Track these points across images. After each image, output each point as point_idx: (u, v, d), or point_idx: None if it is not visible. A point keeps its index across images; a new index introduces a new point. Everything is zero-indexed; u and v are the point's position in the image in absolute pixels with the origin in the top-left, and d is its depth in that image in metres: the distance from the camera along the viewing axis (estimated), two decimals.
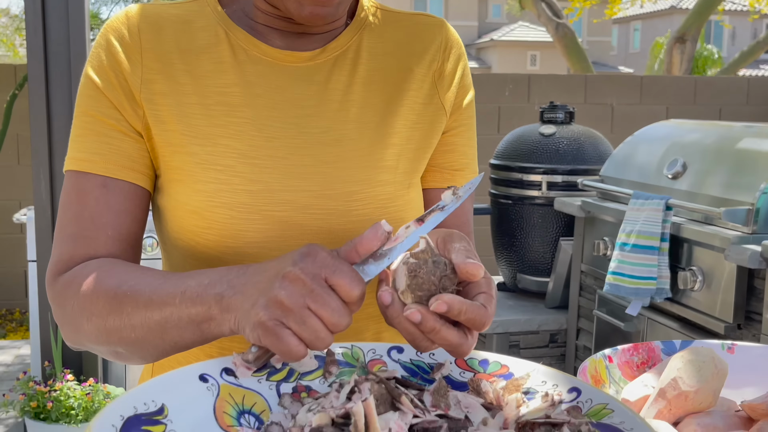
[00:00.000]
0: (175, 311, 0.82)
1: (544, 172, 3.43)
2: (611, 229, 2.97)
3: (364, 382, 0.75)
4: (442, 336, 0.75)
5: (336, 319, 0.73)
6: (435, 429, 0.71)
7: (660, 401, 0.83)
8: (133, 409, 0.69)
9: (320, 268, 0.74)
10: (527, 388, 0.79)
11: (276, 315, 0.73)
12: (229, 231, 0.94)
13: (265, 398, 0.79)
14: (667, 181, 2.80)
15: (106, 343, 0.90)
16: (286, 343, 0.73)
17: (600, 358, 0.89)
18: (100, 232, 0.96)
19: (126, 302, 0.86)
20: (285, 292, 0.73)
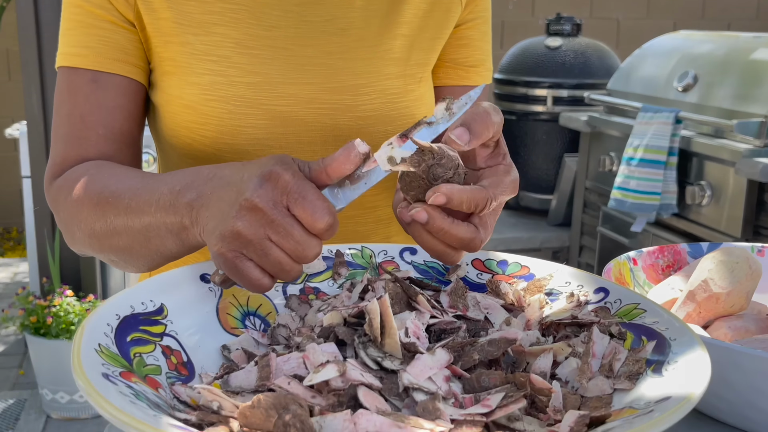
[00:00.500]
0: (152, 221, 0.76)
1: (550, 86, 3.35)
2: (617, 144, 2.90)
3: (377, 281, 0.70)
4: (452, 235, 0.69)
5: (300, 250, 0.66)
6: (453, 330, 0.67)
7: (689, 304, 0.78)
8: (130, 309, 0.64)
9: (281, 195, 0.66)
10: (550, 289, 0.74)
11: (235, 246, 0.66)
12: (226, 127, 0.88)
13: (271, 300, 0.75)
14: (676, 93, 2.73)
15: (98, 249, 0.86)
16: (247, 275, 0.67)
17: (624, 260, 0.84)
18: (92, 131, 0.90)
19: (108, 209, 0.81)
20: (242, 223, 0.65)
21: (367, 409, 0.54)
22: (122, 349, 0.59)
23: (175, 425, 0.48)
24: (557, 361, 0.63)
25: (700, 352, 0.56)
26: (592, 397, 0.58)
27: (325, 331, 0.65)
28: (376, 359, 0.60)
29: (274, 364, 0.60)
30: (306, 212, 0.65)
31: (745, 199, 2.37)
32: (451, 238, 0.70)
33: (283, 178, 0.66)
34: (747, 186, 2.35)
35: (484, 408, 0.55)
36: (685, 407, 0.48)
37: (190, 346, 0.66)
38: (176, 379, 0.62)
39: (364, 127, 0.92)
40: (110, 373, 0.53)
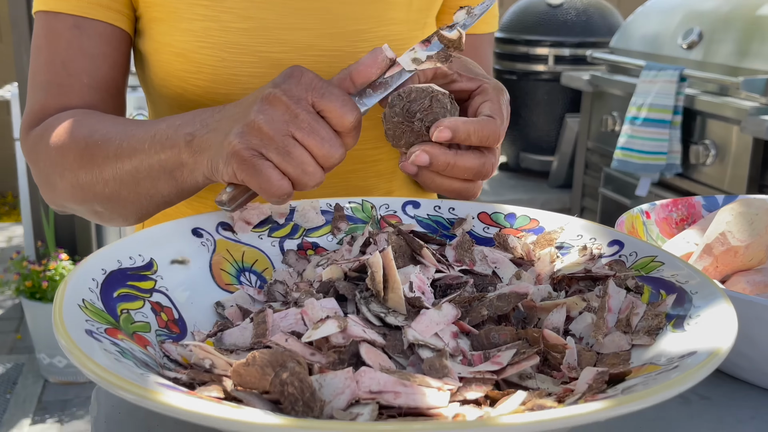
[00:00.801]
0: (145, 158, 0.72)
1: (551, 45, 3.29)
2: (620, 104, 2.85)
3: (379, 234, 0.66)
4: (460, 167, 0.66)
5: (326, 150, 0.62)
6: (459, 285, 0.63)
7: (705, 258, 0.75)
8: (117, 263, 0.60)
9: (306, 91, 0.63)
10: (561, 243, 0.71)
11: (253, 144, 0.62)
12: (220, 75, 0.84)
13: (268, 255, 0.71)
14: (681, 51, 2.67)
15: (82, 200, 0.81)
16: (266, 177, 0.62)
17: (637, 213, 0.80)
18: (74, 79, 0.85)
19: (97, 153, 0.77)
20: (264, 117, 0.61)
21: (370, 366, 0.50)
22: (108, 305, 0.55)
23: (164, 384, 0.44)
24: (570, 317, 0.60)
25: (724, 305, 0.53)
26: (609, 354, 0.55)
27: (325, 285, 0.61)
28: (378, 315, 0.57)
29: (271, 321, 0.56)
30: (333, 106, 0.62)
31: (750, 158, 2.33)
32: (461, 171, 0.67)
33: (307, 75, 0.63)
34: (753, 144, 2.31)
35: (494, 365, 0.52)
36: (713, 362, 0.45)
37: (182, 303, 0.62)
38: (167, 337, 0.58)
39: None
40: (95, 330, 0.50)
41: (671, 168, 2.55)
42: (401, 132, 0.68)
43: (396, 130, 0.68)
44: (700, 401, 0.63)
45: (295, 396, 0.45)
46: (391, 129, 0.68)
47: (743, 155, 2.35)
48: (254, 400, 0.46)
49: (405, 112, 0.66)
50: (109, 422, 0.58)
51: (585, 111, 3.11)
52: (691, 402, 0.63)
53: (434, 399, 0.47)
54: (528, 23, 3.35)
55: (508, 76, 3.42)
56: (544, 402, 0.45)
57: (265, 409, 0.46)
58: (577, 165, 3.21)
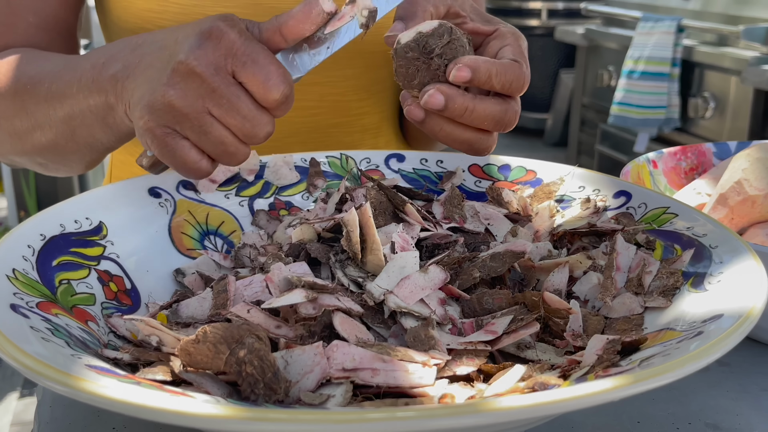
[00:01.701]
0: (75, 104, 0.63)
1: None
2: (616, 58, 2.77)
3: (357, 189, 0.59)
4: (480, 112, 0.57)
5: (249, 128, 0.53)
6: (448, 245, 0.56)
7: (720, 209, 0.68)
8: (60, 228, 0.53)
9: (225, 58, 0.52)
10: (561, 196, 0.64)
11: (165, 120, 0.53)
12: (189, 15, 0.76)
13: (235, 217, 0.64)
14: (678, 1, 2.58)
15: (22, 152, 0.73)
16: (182, 158, 0.54)
17: (643, 162, 0.73)
18: (18, 17, 0.77)
19: (27, 98, 0.68)
20: (175, 92, 0.52)
21: (345, 339, 0.43)
22: (45, 275, 0.48)
23: (97, 367, 0.37)
24: (574, 277, 0.53)
25: (751, 261, 0.46)
26: (619, 318, 0.48)
27: (295, 248, 0.54)
28: (356, 280, 0.50)
29: (233, 289, 0.49)
30: (257, 79, 0.52)
31: (750, 110, 2.25)
32: (479, 117, 0.58)
33: (227, 37, 0.52)
34: (753, 96, 2.23)
35: (488, 335, 0.45)
36: (744, 327, 0.38)
37: (136, 271, 0.55)
38: (116, 310, 0.51)
39: None
40: (22, 304, 0.43)
41: (670, 122, 2.47)
42: (415, 70, 0.58)
43: (409, 68, 0.58)
44: (719, 368, 0.57)
45: (255, 377, 0.39)
46: (404, 66, 0.58)
47: (743, 107, 2.28)
48: (207, 383, 0.39)
49: (422, 47, 0.57)
50: (54, 407, 0.51)
51: (580, 66, 3.03)
52: (709, 369, 0.56)
53: (418, 376, 0.40)
54: None
55: None
56: (547, 379, 0.38)
57: (219, 392, 0.39)
58: (573, 122, 3.13)
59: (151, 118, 0.53)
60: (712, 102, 2.38)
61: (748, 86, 2.21)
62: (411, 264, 0.49)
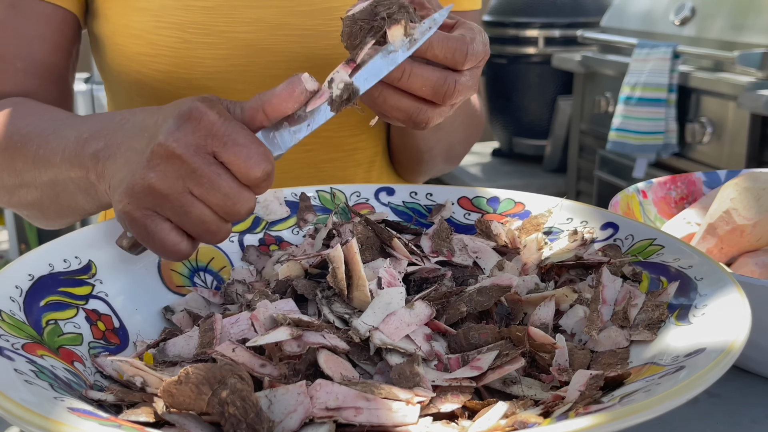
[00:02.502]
0: (58, 173, 0.63)
1: (541, 26, 3.21)
2: (613, 84, 2.78)
3: (344, 224, 0.59)
4: (416, 76, 0.56)
5: (230, 205, 0.52)
6: (436, 279, 0.56)
7: (709, 239, 0.68)
8: (48, 267, 0.53)
9: (205, 138, 0.52)
10: (549, 228, 0.64)
11: (146, 203, 0.53)
12: (181, 58, 0.77)
13: (225, 253, 0.64)
14: (673, 27, 2.60)
15: (9, 203, 0.74)
16: (161, 240, 0.53)
17: (633, 192, 0.74)
18: (8, 64, 0.78)
19: (16, 157, 0.69)
20: (155, 175, 0.52)
21: (329, 377, 0.44)
22: (32, 315, 0.48)
23: (79, 410, 0.38)
24: (560, 311, 0.53)
25: (734, 293, 0.46)
26: (605, 352, 0.48)
27: (282, 285, 0.54)
28: (342, 316, 0.50)
29: (219, 327, 0.49)
30: (238, 158, 0.51)
31: (748, 135, 2.26)
32: (417, 82, 0.57)
33: (207, 118, 0.52)
34: (750, 121, 2.24)
35: (473, 371, 0.45)
36: (725, 361, 0.38)
37: (125, 310, 0.56)
38: (103, 350, 0.51)
39: (342, 56, 0.80)
40: (8, 346, 0.43)
41: (668, 148, 2.48)
42: (358, 29, 0.57)
43: (353, 28, 0.57)
44: (710, 399, 0.56)
45: (238, 417, 0.39)
46: (349, 26, 0.57)
47: (741, 132, 2.28)
48: (190, 424, 0.39)
49: (369, 12, 0.56)
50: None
51: (577, 93, 3.04)
52: (699, 400, 0.56)
53: (401, 414, 0.40)
54: (517, 5, 3.27)
55: (498, 59, 3.34)
56: (528, 417, 0.38)
57: None
58: (571, 148, 3.13)
59: (130, 202, 0.53)
60: (710, 127, 2.39)
61: (744, 111, 2.22)
62: (397, 300, 0.49)
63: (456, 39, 0.58)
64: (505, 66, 3.33)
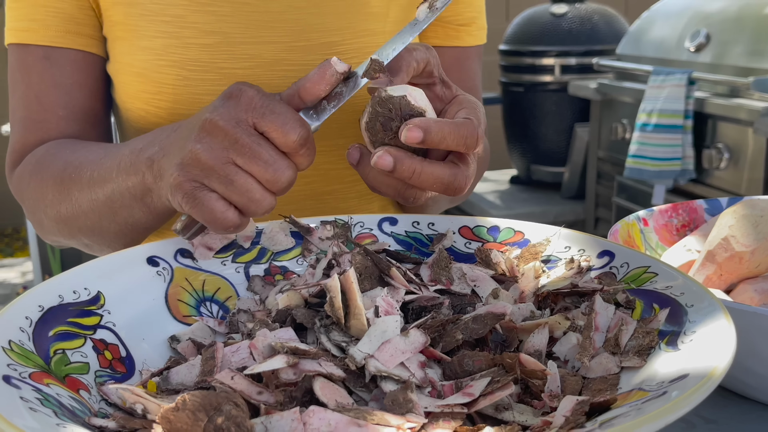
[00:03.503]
0: (115, 187, 0.68)
1: (557, 55, 3.23)
2: (630, 111, 2.79)
3: (344, 254, 0.61)
4: (428, 175, 0.59)
5: (271, 174, 0.57)
6: (434, 307, 0.58)
7: (708, 266, 0.69)
8: (58, 299, 0.55)
9: (246, 112, 0.57)
10: (547, 256, 0.65)
11: (194, 175, 0.57)
12: (181, 95, 0.79)
13: (231, 283, 0.66)
14: (688, 54, 2.61)
15: (68, 234, 0.79)
16: (210, 209, 0.57)
17: (633, 220, 0.75)
18: (50, 113, 0.82)
19: (72, 186, 0.74)
20: (201, 146, 0.57)
21: (324, 404, 0.45)
22: (40, 345, 0.50)
23: None
24: (555, 338, 0.54)
25: (722, 320, 0.47)
26: (596, 378, 0.49)
27: (281, 314, 0.56)
28: (339, 344, 0.51)
29: (220, 356, 0.51)
30: (275, 125, 0.56)
31: (765, 160, 2.26)
32: (428, 181, 0.60)
33: (247, 94, 0.57)
34: (767, 145, 2.24)
35: (465, 397, 0.46)
36: (707, 386, 0.39)
37: (131, 339, 0.57)
38: (110, 378, 0.53)
39: None
40: (16, 375, 0.45)
41: (685, 174, 2.48)
42: (373, 128, 0.62)
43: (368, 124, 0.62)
44: (706, 425, 0.57)
45: None
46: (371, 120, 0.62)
47: (758, 157, 2.28)
48: None
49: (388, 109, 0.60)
50: None
51: (594, 120, 3.05)
52: (696, 426, 0.57)
53: None
54: (533, 34, 3.29)
55: (515, 88, 3.36)
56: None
57: None
58: (589, 175, 3.14)
59: (180, 174, 0.57)
60: (726, 153, 2.39)
61: (761, 137, 2.22)
62: (392, 328, 0.51)
63: (466, 126, 0.60)
64: (521, 94, 3.35)
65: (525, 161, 3.47)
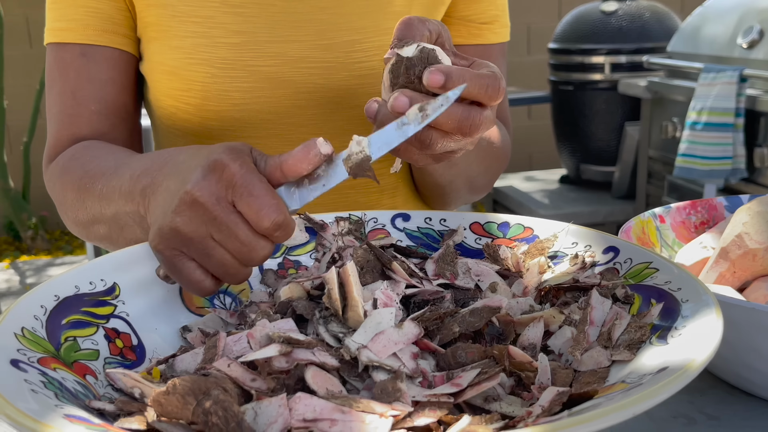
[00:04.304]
0: (118, 208, 0.70)
1: (607, 53, 3.19)
2: (680, 109, 2.74)
3: (346, 248, 0.62)
4: (445, 115, 0.58)
5: (246, 252, 0.58)
6: (437, 300, 0.59)
7: (722, 263, 0.68)
8: (74, 289, 0.58)
9: (226, 189, 0.57)
10: (555, 252, 0.65)
11: (173, 244, 0.59)
12: (210, 92, 0.82)
13: None
14: (741, 51, 2.55)
15: (86, 237, 0.82)
16: (187, 276, 0.59)
17: (649, 217, 0.74)
18: (83, 107, 0.86)
19: (86, 196, 0.76)
20: (181, 219, 0.58)
21: (314, 391, 0.46)
22: (52, 333, 0.53)
23: (74, 416, 0.41)
24: (551, 332, 0.54)
25: (712, 315, 0.47)
26: (586, 372, 0.50)
27: (283, 305, 0.57)
28: (336, 335, 0.53)
29: (222, 345, 0.53)
30: (251, 209, 0.56)
31: None
32: (442, 117, 0.58)
33: (229, 170, 0.57)
34: None
35: (453, 387, 0.47)
36: (680, 380, 0.39)
37: (144, 328, 0.60)
38: (119, 365, 0.55)
39: (361, 86, 0.85)
40: (24, 360, 0.47)
41: (736, 173, 2.43)
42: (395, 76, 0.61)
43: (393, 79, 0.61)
44: (707, 421, 0.57)
45: (219, 426, 0.42)
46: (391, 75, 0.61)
47: None
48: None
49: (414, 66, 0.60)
50: None
51: (645, 118, 3.01)
52: (696, 422, 0.57)
53: (373, 427, 0.42)
54: (582, 32, 3.26)
55: (565, 86, 3.34)
56: (475, 429, 0.40)
57: None
58: (640, 174, 3.10)
59: (160, 241, 0.59)
60: None
61: None
62: (387, 320, 0.52)
63: (488, 76, 0.60)
64: (571, 92, 3.32)
65: (574, 160, 3.44)
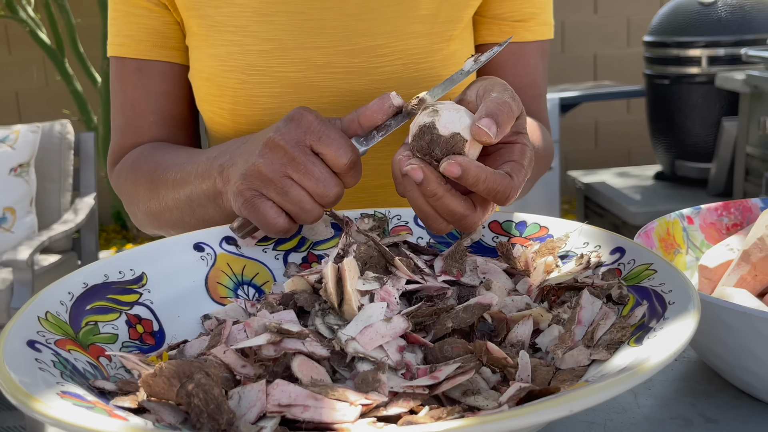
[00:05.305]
0: (193, 189, 0.78)
1: (705, 45, 3.09)
2: None
3: (352, 245, 0.65)
4: (444, 204, 0.62)
5: (321, 189, 0.65)
6: (440, 297, 0.61)
7: (743, 266, 0.67)
8: (103, 277, 0.63)
9: (304, 134, 0.66)
10: (566, 251, 0.66)
11: (254, 185, 0.66)
12: (241, 97, 0.86)
13: (270, 269, 0.72)
14: None
15: (157, 227, 0.90)
16: (263, 214, 0.66)
17: (675, 218, 0.74)
18: (142, 119, 0.93)
19: (159, 185, 0.84)
20: (263, 161, 0.66)
21: (298, 379, 0.49)
22: (75, 317, 0.57)
23: (69, 393, 0.46)
24: (541, 329, 0.56)
25: (689, 318, 0.47)
26: (565, 370, 0.51)
27: (286, 297, 0.61)
28: (331, 327, 0.55)
29: (226, 333, 0.56)
30: (329, 149, 0.65)
31: None
32: (442, 208, 0.63)
33: (306, 118, 0.66)
34: None
35: (430, 380, 0.49)
36: (623, 383, 0.40)
37: (167, 316, 0.64)
38: (137, 349, 0.60)
39: (383, 91, 0.86)
40: (40, 341, 0.52)
41: None
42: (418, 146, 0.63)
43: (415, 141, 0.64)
44: (705, 424, 0.57)
45: (200, 408, 0.45)
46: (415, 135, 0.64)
47: None
48: (164, 411, 0.46)
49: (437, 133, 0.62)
50: None
51: (743, 113, 2.90)
52: (693, 424, 0.57)
53: (341, 414, 0.45)
54: (679, 24, 3.17)
55: (660, 80, 3.25)
56: (416, 419, 0.42)
57: (174, 419, 0.46)
58: (737, 171, 2.99)
59: (242, 183, 0.67)
60: None
61: None
62: (377, 314, 0.54)
63: (501, 180, 0.61)
64: (666, 86, 3.23)
65: (670, 156, 3.34)
